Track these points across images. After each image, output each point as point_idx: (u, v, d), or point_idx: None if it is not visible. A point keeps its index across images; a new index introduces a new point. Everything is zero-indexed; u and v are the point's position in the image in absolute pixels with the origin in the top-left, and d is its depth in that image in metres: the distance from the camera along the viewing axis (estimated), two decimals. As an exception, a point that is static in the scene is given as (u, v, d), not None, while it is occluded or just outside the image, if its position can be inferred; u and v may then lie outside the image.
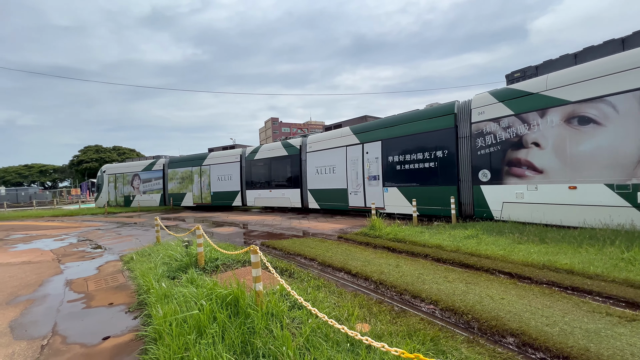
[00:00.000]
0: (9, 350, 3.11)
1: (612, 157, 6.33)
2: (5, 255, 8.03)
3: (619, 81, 6.15)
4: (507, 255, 5.26)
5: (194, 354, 2.53)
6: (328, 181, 13.25)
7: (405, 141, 10.48)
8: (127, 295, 4.52)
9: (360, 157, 11.93)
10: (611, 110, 6.31)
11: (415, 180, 10.23)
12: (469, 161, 8.88)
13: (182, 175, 20.40)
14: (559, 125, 7.04)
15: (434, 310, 3.59)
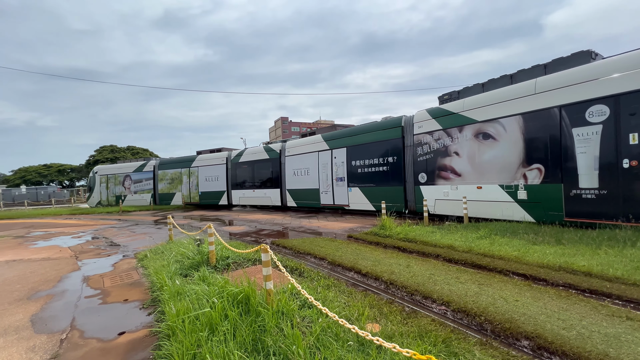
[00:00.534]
0: (30, 343, 3.23)
1: (503, 165, 8.15)
2: (27, 251, 8.33)
3: (506, 107, 7.99)
4: (521, 256, 5.14)
5: (206, 351, 2.57)
6: (303, 182, 14.84)
7: (365, 148, 12.25)
8: (142, 292, 4.62)
9: (330, 161, 13.60)
10: (502, 129, 8.13)
11: (373, 181, 12.00)
12: (411, 166, 10.67)
13: (172, 177, 21.65)
14: (471, 139, 8.85)
15: (445, 312, 3.54)
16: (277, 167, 16.25)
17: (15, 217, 19.97)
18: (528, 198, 7.73)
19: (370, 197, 12.05)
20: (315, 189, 14.28)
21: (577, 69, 6.93)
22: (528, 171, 7.70)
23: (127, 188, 23.68)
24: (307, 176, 14.66)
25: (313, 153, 14.37)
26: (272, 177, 16.57)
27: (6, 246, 9.29)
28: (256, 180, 17.39)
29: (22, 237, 11.18)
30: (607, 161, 6.40)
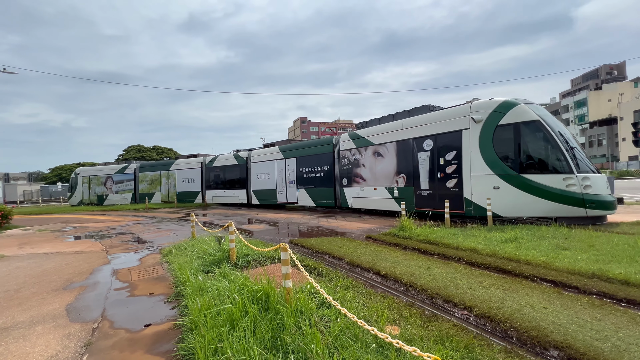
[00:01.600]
0: (66, 331, 3.44)
1: (387, 174, 11.85)
2: (62, 245, 8.88)
3: (388, 136, 11.84)
4: (550, 261, 4.90)
5: (227, 346, 2.64)
6: (265, 184, 18.09)
7: (309, 159, 15.65)
8: (166, 286, 4.81)
9: (284, 168, 16.90)
10: (386, 150, 11.90)
11: (314, 184, 15.36)
12: (339, 173, 14.20)
13: (152, 178, 24.37)
14: (371, 156, 12.59)
15: (467, 317, 3.44)
16: (245, 171, 19.39)
17: (52, 212, 21.33)
18: (399, 196, 11.40)
19: (312, 195, 15.49)
20: (274, 189, 17.53)
21: (419, 117, 10.98)
22: (399, 178, 11.46)
23: (108, 188, 25.86)
24: (267, 179, 17.95)
25: (272, 161, 17.68)
26: (240, 180, 19.68)
27: (45, 239, 9.94)
28: (227, 182, 20.55)
29: (58, 231, 11.93)
30: (431, 173, 10.33)
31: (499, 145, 8.63)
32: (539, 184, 8.00)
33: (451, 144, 9.66)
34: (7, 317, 3.84)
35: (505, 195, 8.50)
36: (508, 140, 8.55)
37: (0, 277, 5.67)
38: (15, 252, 8.01)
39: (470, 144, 9.14)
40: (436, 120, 10.23)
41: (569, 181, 7.71)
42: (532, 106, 8.62)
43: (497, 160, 8.63)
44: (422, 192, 10.56)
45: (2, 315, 3.93)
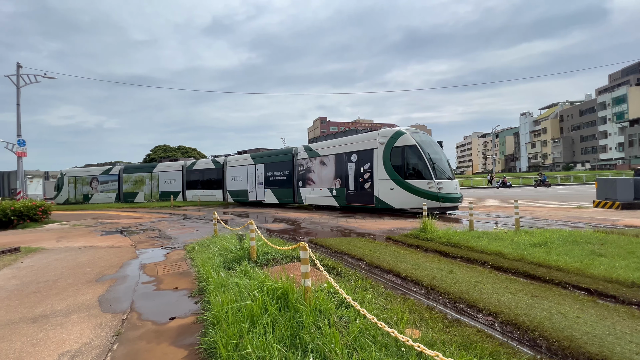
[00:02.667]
0: (98, 320, 3.64)
1: (328, 178, 15.28)
2: (95, 239, 9.41)
3: (330, 150, 15.37)
4: (583, 268, 4.61)
5: (247, 342, 2.69)
6: (238, 185, 21.38)
7: (274, 165, 18.97)
8: (190, 282, 4.97)
9: (254, 172, 20.17)
10: (328, 160, 15.42)
11: (277, 185, 18.65)
12: (296, 177, 17.50)
13: (136, 179, 26.78)
14: (318, 164, 16.00)
15: (493, 323, 3.31)
16: (221, 174, 22.75)
17: (87, 209, 22.66)
18: (336, 194, 14.95)
19: (276, 194, 18.72)
20: (246, 189, 20.83)
21: (349, 137, 14.68)
22: (336, 181, 14.97)
23: (94, 188, 27.94)
24: (240, 181, 21.19)
25: (244, 166, 20.97)
26: (217, 181, 22.98)
27: (79, 234, 10.58)
28: (205, 183, 23.74)
29: (92, 226, 12.65)
30: (356, 179, 13.89)
31: (393, 160, 12.63)
32: (415, 186, 12.06)
33: (367, 158, 13.59)
34: (47, 306, 4.12)
35: (397, 194, 12.51)
36: (398, 158, 12.52)
37: (41, 268, 6.10)
38: (53, 245, 8.58)
39: (377, 158, 13.12)
40: (359, 140, 14.15)
41: (430, 184, 11.78)
42: (415, 135, 12.70)
43: (393, 171, 12.60)
44: (351, 191, 14.36)
45: (42, 303, 4.22)
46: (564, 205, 14.51)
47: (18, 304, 4.23)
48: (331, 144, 15.54)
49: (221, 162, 22.75)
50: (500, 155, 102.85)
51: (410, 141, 12.33)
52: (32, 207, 13.27)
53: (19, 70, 15.81)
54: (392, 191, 12.56)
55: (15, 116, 15.77)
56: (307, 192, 16.70)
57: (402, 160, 12.40)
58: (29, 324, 3.59)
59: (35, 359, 2.84)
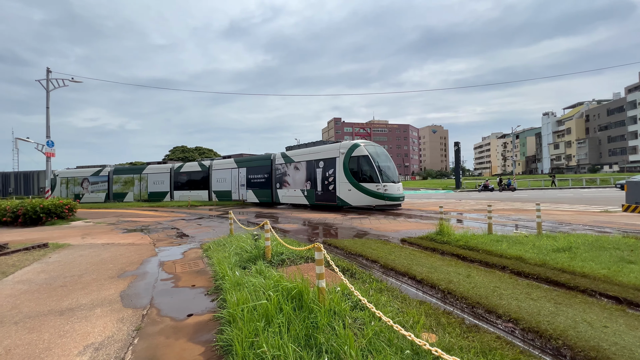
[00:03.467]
0: (120, 315, 3.78)
1: (301, 181, 18.01)
2: (117, 237, 9.77)
3: (302, 157, 18.15)
4: (612, 275, 4.39)
5: (262, 340, 2.72)
6: (223, 186, 23.95)
7: (255, 169, 21.62)
8: (206, 280, 5.08)
9: (237, 175, 22.86)
10: (301, 166, 18.16)
11: (258, 186, 21.27)
12: (275, 179, 20.08)
13: (125, 180, 28.54)
14: (293, 168, 18.62)
15: (513, 330, 3.20)
16: (207, 176, 25.02)
17: (110, 207, 23.57)
18: (307, 195, 17.60)
19: (257, 195, 21.38)
20: (229, 190, 23.47)
21: (318, 147, 17.48)
22: (307, 184, 17.65)
23: (85, 188, 29.49)
24: (225, 182, 23.78)
25: (229, 169, 23.64)
26: (203, 183, 25.18)
27: (102, 231, 11.02)
28: (192, 184, 25.75)
29: (114, 224, 13.15)
30: (322, 182, 16.67)
31: (351, 167, 15.55)
32: (367, 188, 14.97)
33: (331, 165, 16.47)
34: (73, 299, 4.32)
35: (353, 194, 15.44)
36: (354, 165, 15.47)
37: (67, 263, 6.39)
38: (79, 241, 8.97)
39: (339, 165, 16.03)
40: (325, 150, 17.12)
41: (378, 187, 14.74)
42: (369, 147, 15.70)
43: (350, 176, 15.50)
44: (318, 192, 17.18)
45: (69, 297, 4.42)
46: (589, 209, 13.87)
47: (46, 296, 4.45)
48: (303, 152, 18.43)
49: (207, 166, 25.18)
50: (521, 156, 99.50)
51: (364, 152, 15.32)
52: (60, 205, 13.93)
53: (48, 75, 16.64)
54: (349, 192, 15.61)
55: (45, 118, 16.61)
56: (283, 193, 19.51)
57: (357, 167, 15.41)
58: (56, 316, 3.77)
59: (63, 350, 2.98)
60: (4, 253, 7.10)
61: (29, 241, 8.77)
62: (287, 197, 19.12)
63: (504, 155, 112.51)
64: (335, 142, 17.29)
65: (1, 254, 7.01)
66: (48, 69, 16.74)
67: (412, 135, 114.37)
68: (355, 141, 16.01)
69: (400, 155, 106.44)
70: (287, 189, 19.09)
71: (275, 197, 19.99)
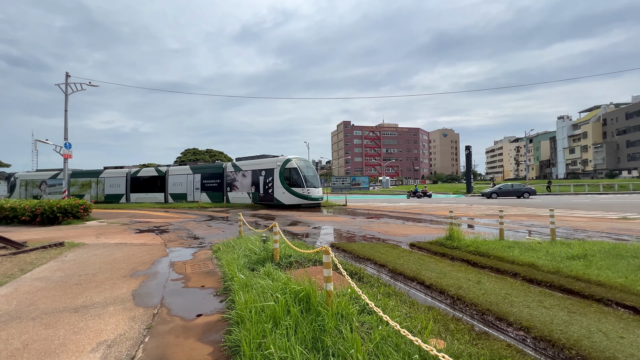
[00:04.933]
0: (132, 313, 3.87)
1: (247, 185, 23.55)
2: (130, 237, 9.99)
3: (248, 167, 23.78)
4: (629, 284, 4.25)
5: (270, 342, 2.74)
6: (179, 189, 27.30)
7: (209, 175, 25.76)
8: (215, 281, 5.14)
9: (192, 179, 26.59)
10: (247, 174, 23.82)
11: (211, 190, 25.43)
12: (226, 184, 24.75)
13: (83, 183, 30.80)
14: (241, 175, 24.06)
15: (524, 338, 3.13)
16: (163, 181, 27.92)
17: (123, 208, 24.13)
18: (252, 197, 22.81)
19: (210, 197, 25.42)
20: (185, 193, 26.95)
21: (261, 160, 23.31)
22: (252, 187, 22.98)
23: (43, 190, 30.91)
24: (180, 186, 27.19)
25: (184, 175, 27.21)
26: (159, 186, 28.02)
27: (115, 231, 11.28)
28: (149, 187, 28.46)
29: (127, 224, 13.45)
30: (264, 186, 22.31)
31: (285, 175, 21.00)
32: (296, 191, 20.55)
33: (270, 173, 21.88)
34: (87, 297, 4.44)
35: (286, 196, 20.85)
36: (287, 174, 20.93)
37: (82, 262, 6.57)
38: (93, 241, 9.22)
39: (276, 174, 21.41)
40: (266, 162, 22.71)
41: (304, 190, 20.44)
42: (298, 161, 21.38)
43: (284, 182, 20.89)
44: (260, 194, 22.47)
45: (83, 294, 4.55)
46: (606, 215, 13.45)
47: (62, 294, 4.58)
48: (250, 163, 23.83)
49: (164, 171, 28.33)
50: (535, 161, 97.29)
51: (294, 165, 21.17)
52: (75, 205, 14.34)
53: (67, 80, 17.24)
54: (284, 194, 21.16)
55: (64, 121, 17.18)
56: (232, 195, 24.42)
57: (289, 176, 21.08)
58: (71, 313, 3.88)
59: (77, 346, 3.06)
60: (23, 251, 7.35)
61: (46, 240, 9.05)
62: (236, 198, 24.16)
63: (517, 159, 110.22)
64: (274, 157, 22.73)
65: (20, 252, 7.26)
66: (67, 74, 17.33)
67: (423, 138, 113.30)
68: (288, 157, 21.64)
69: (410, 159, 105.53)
70: (236, 192, 24.22)
71: (226, 199, 24.67)
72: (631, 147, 62.08)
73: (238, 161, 25.21)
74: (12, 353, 2.93)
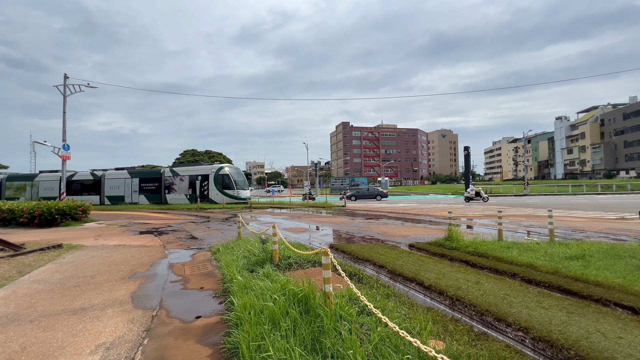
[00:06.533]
0: (131, 315, 3.86)
1: (185, 188, 28.28)
2: (128, 239, 9.96)
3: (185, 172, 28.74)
4: (627, 284, 4.27)
5: (269, 343, 2.74)
6: (117, 192, 29.92)
7: (147, 179, 29.28)
8: (214, 282, 5.13)
9: (131, 183, 29.45)
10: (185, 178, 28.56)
11: (149, 192, 29.01)
12: (164, 187, 28.89)
13: (17, 186, 32.26)
14: (179, 180, 28.67)
15: (523, 338, 3.14)
16: (99, 184, 30.35)
17: (122, 209, 24.06)
18: (189, 198, 27.65)
19: (148, 198, 28.67)
20: (123, 195, 29.66)
21: (197, 167, 28.96)
22: (189, 190, 27.95)
23: None
24: (118, 189, 29.81)
25: (122, 179, 29.87)
26: (95, 189, 30.47)
27: (114, 233, 11.25)
28: (84, 190, 30.67)
29: (125, 226, 13.41)
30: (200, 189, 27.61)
31: (218, 180, 26.56)
32: (227, 193, 26.48)
33: (206, 178, 27.02)
34: (85, 299, 4.42)
35: (219, 196, 26.34)
36: (220, 179, 26.61)
37: (81, 264, 6.55)
38: (91, 242, 9.19)
39: (211, 178, 26.76)
40: (202, 168, 27.66)
41: (234, 192, 26.52)
42: (230, 168, 27.60)
43: (218, 185, 26.50)
44: (196, 195, 26.62)
45: (82, 297, 4.53)
46: (605, 216, 13.50)
47: (60, 296, 4.57)
48: (187, 169, 28.77)
49: (99, 175, 30.69)
50: (533, 161, 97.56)
51: (226, 172, 26.66)
52: (74, 206, 14.30)
53: (65, 81, 17.20)
54: (217, 195, 26.42)
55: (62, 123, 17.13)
56: (170, 197, 28.41)
57: (222, 180, 26.44)
58: (69, 315, 3.87)
59: (75, 349, 3.05)
60: (21, 253, 7.32)
61: (44, 242, 9.02)
62: (174, 199, 28.22)
63: (516, 160, 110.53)
64: (210, 164, 28.11)
65: (18, 254, 7.24)
66: (65, 75, 17.30)
67: (421, 139, 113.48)
68: (222, 165, 27.44)
69: (409, 160, 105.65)
70: (174, 194, 28.34)
71: (164, 200, 28.47)
72: (629, 148, 62.34)
73: (175, 167, 29.63)
74: (10, 356, 2.92)
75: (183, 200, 27.54)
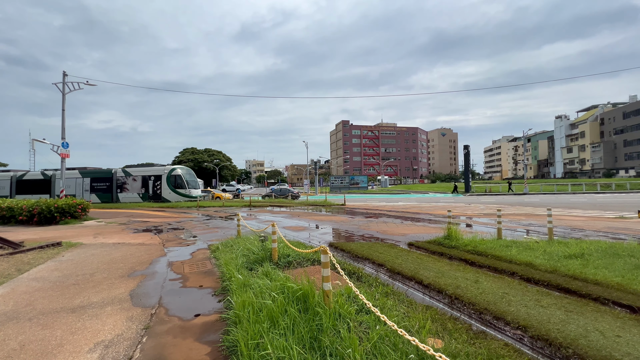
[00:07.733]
0: (130, 313, 3.86)
1: (137, 187, 29.71)
2: (128, 237, 9.96)
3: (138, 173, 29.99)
4: (626, 283, 4.27)
5: (267, 342, 2.74)
6: (68, 191, 28.73)
7: (100, 179, 30.41)
8: (214, 280, 5.13)
9: (82, 182, 30.48)
10: (138, 178, 29.77)
11: (101, 191, 30.17)
12: (116, 186, 30.13)
13: None
14: (132, 180, 29.88)
15: (522, 337, 3.14)
16: (49, 183, 30.77)
17: (121, 207, 24.05)
18: (142, 196, 29.34)
19: (99, 198, 29.76)
20: (74, 194, 29.20)
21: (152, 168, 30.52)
22: (142, 189, 29.39)
23: None
24: (70, 189, 29.86)
25: (74, 178, 30.49)
26: (45, 188, 30.83)
27: (113, 231, 11.25)
28: (35, 189, 31.05)
29: (125, 224, 13.41)
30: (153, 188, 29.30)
31: (170, 180, 28.34)
32: (179, 192, 28.29)
33: (159, 178, 28.74)
34: (84, 297, 4.42)
35: (172, 195, 28.22)
36: (172, 179, 28.37)
37: (80, 262, 6.55)
38: (91, 240, 9.18)
39: (164, 179, 28.48)
40: (155, 169, 29.41)
41: (185, 191, 28.30)
42: (181, 169, 29.18)
43: (170, 184, 28.32)
44: (149, 194, 28.76)
45: (81, 295, 4.53)
46: (604, 215, 13.52)
47: (59, 294, 4.57)
48: (140, 170, 30.08)
49: (50, 175, 31.24)
50: (533, 160, 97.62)
51: (179, 172, 28.37)
52: (73, 204, 14.28)
53: (64, 79, 17.14)
54: (170, 194, 28.13)
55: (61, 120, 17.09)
56: (123, 195, 29.65)
57: (174, 180, 28.16)
58: (68, 313, 3.87)
59: (74, 347, 3.05)
60: (20, 251, 7.32)
61: (44, 240, 9.01)
62: (126, 198, 29.54)
63: (515, 158, 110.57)
64: (162, 166, 30.38)
65: (17, 252, 7.23)
66: (64, 73, 17.24)
67: (421, 138, 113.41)
68: (174, 166, 29.37)
69: (409, 158, 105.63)
70: (126, 193, 29.63)
71: (116, 199, 29.77)
72: (628, 147, 62.37)
73: (128, 168, 30.97)
74: (8, 354, 2.92)
75: (135, 199, 29.14)
